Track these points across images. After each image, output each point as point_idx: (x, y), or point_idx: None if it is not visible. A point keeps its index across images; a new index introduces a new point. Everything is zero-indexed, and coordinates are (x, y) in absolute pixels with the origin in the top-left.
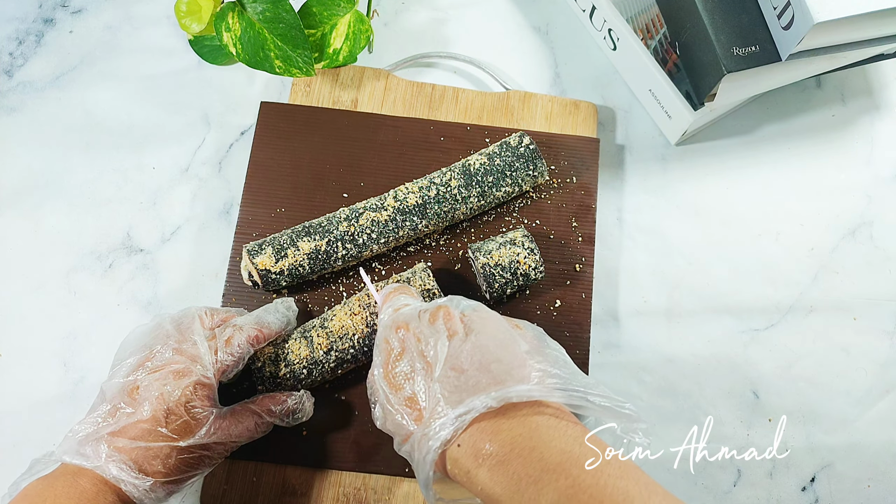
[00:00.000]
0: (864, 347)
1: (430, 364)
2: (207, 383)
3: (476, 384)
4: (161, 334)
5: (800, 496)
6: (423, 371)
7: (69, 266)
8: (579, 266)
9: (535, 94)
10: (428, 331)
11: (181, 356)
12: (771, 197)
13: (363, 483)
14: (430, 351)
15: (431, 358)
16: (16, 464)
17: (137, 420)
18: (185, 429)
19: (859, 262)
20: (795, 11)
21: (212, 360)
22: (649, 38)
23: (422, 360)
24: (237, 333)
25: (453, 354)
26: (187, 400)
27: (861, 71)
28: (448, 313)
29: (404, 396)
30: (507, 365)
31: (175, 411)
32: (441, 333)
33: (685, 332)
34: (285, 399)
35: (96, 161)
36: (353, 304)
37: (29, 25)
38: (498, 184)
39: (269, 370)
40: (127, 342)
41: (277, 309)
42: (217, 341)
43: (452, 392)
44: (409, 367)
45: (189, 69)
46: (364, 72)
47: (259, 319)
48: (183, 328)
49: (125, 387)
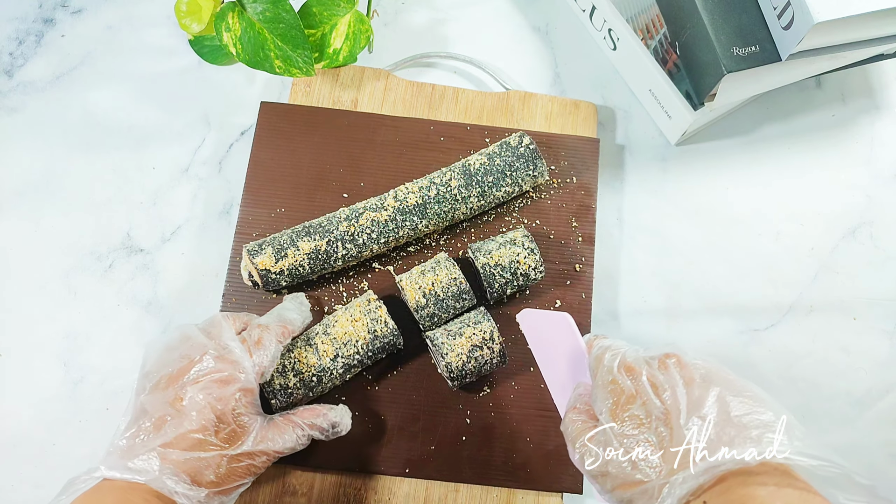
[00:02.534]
0: (864, 347)
1: (669, 411)
2: (250, 388)
3: (726, 438)
4: (195, 344)
5: None
6: (662, 418)
7: (69, 266)
8: (579, 266)
9: (535, 94)
10: (663, 377)
11: (223, 363)
12: (771, 197)
13: (363, 483)
14: (669, 398)
15: (671, 405)
16: (16, 464)
17: (187, 431)
18: (233, 437)
19: (859, 262)
20: (795, 11)
21: (251, 364)
22: (649, 38)
23: (660, 407)
24: (265, 333)
25: (696, 404)
26: (234, 408)
27: (861, 71)
28: (681, 361)
29: (642, 436)
30: (757, 422)
31: (224, 419)
32: (678, 381)
33: (685, 332)
34: (326, 412)
35: (96, 161)
36: (354, 310)
37: (29, 25)
38: (498, 184)
39: (279, 382)
40: (152, 356)
41: (293, 305)
42: (248, 344)
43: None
44: (644, 412)
45: (189, 69)
46: (364, 72)
47: (280, 317)
48: (214, 335)
49: (167, 399)
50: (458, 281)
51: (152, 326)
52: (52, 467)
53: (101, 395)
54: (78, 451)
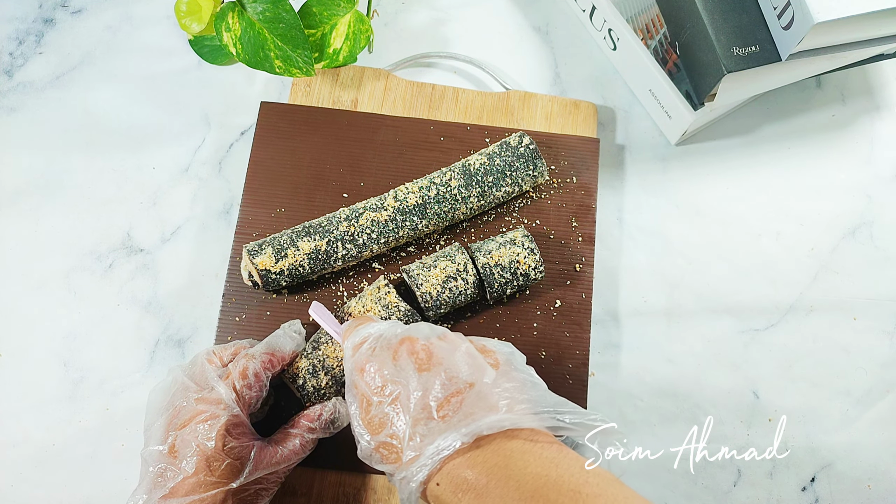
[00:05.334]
0: (864, 347)
1: (402, 406)
2: (238, 421)
3: (446, 420)
4: (178, 390)
5: (800, 496)
6: (396, 414)
7: (69, 266)
8: (579, 266)
9: (535, 94)
10: (394, 370)
11: (204, 403)
12: (771, 197)
13: (363, 483)
14: (398, 390)
15: (402, 399)
16: (16, 464)
17: (184, 477)
18: (231, 471)
19: (859, 262)
20: (795, 11)
21: (232, 398)
22: (649, 38)
23: (392, 404)
24: (250, 363)
25: (422, 391)
26: (224, 443)
27: (861, 71)
28: (412, 346)
29: (382, 441)
30: (475, 395)
31: (215, 457)
32: (407, 370)
33: (685, 332)
34: (320, 412)
35: (96, 161)
36: (367, 299)
37: (29, 25)
38: (498, 184)
39: (311, 384)
40: (151, 404)
41: (286, 333)
42: (232, 375)
43: (425, 434)
44: (381, 411)
45: (189, 69)
46: (364, 72)
47: (269, 345)
48: (196, 376)
49: (163, 450)
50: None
51: (152, 326)
52: (51, 467)
53: (101, 395)
54: (78, 451)
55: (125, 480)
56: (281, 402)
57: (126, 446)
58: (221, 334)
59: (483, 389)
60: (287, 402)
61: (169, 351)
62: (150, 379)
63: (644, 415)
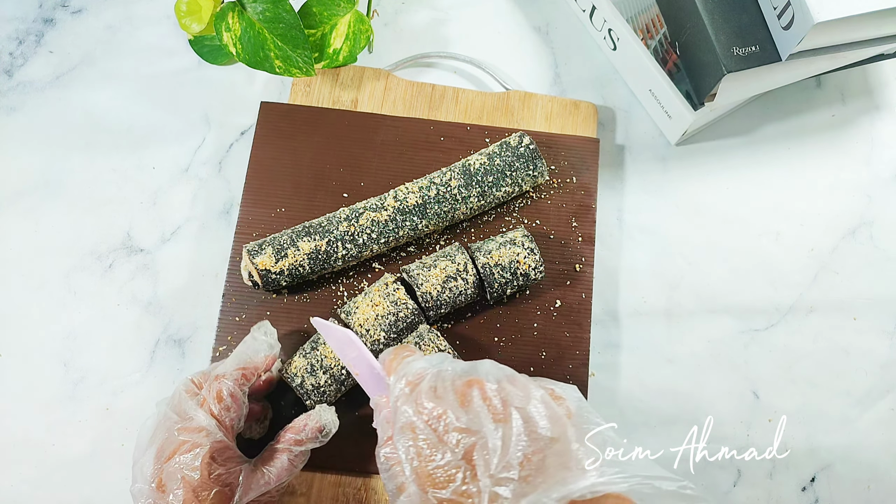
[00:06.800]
0: (864, 347)
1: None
2: (222, 446)
3: (530, 482)
4: (161, 423)
5: (800, 496)
6: (470, 469)
7: (69, 266)
8: (579, 266)
9: (535, 94)
10: (465, 418)
11: (185, 433)
12: (771, 197)
13: (363, 484)
14: (472, 441)
15: (479, 453)
16: (16, 464)
17: None
18: (220, 499)
19: (859, 262)
20: (795, 11)
21: (213, 423)
22: (649, 38)
23: (465, 458)
24: (223, 384)
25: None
26: (209, 471)
27: (861, 71)
28: (483, 391)
29: (447, 498)
30: (558, 453)
31: (202, 486)
32: (482, 419)
33: (685, 332)
34: (305, 423)
35: (96, 161)
36: (374, 294)
37: (29, 25)
38: (498, 184)
39: (310, 382)
40: (139, 440)
41: (256, 338)
42: (207, 401)
43: (507, 497)
44: (447, 462)
45: (189, 69)
46: (364, 72)
47: (239, 359)
48: (177, 407)
49: (152, 485)
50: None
51: (152, 326)
52: (52, 467)
53: (101, 395)
54: (78, 451)
55: (125, 480)
56: (282, 413)
57: (126, 446)
58: (221, 334)
59: (566, 447)
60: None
61: (169, 351)
62: (150, 379)
63: (644, 415)
